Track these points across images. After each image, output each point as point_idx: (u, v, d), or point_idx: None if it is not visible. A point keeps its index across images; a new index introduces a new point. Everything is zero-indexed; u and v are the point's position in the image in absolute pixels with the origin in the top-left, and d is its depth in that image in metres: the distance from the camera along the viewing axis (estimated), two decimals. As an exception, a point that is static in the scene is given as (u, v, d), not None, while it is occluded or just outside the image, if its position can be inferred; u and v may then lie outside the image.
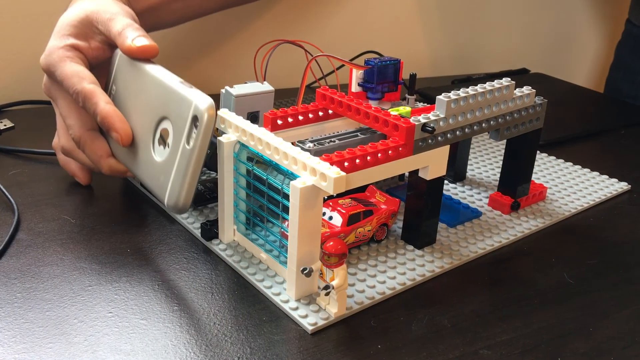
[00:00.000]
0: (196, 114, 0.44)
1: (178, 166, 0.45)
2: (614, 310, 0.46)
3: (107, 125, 0.50)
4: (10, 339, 0.39)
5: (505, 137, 0.54)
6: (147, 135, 0.49)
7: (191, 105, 0.45)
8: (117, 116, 0.50)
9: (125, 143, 0.50)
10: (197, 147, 0.44)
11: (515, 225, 0.56)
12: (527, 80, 0.97)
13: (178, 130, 0.46)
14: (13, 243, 0.49)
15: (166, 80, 0.48)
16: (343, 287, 0.41)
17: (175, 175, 0.45)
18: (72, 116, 0.53)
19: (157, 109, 0.48)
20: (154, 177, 0.48)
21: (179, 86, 0.47)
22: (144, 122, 0.49)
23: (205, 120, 0.43)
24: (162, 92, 0.48)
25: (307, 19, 1.00)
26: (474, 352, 0.41)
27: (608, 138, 0.81)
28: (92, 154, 0.53)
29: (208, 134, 0.44)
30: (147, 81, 0.50)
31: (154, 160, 0.48)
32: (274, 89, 0.57)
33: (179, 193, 0.45)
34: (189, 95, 0.45)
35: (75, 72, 0.51)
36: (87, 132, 0.53)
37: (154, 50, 0.51)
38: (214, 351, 0.39)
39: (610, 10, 1.34)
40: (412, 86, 0.62)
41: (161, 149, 0.48)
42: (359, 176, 0.43)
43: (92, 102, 0.50)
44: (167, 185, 0.46)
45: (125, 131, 0.49)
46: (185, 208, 0.45)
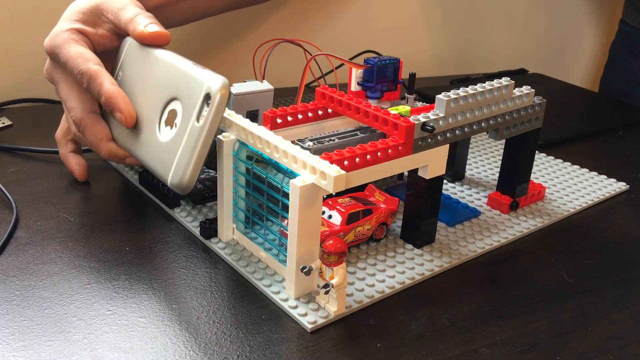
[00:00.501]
0: (209, 91, 0.44)
1: (185, 144, 0.45)
2: (613, 310, 0.46)
3: (112, 105, 0.50)
4: (9, 336, 0.39)
5: (505, 137, 0.54)
6: (153, 117, 0.49)
7: (204, 83, 0.45)
8: (121, 97, 0.50)
9: (129, 124, 0.49)
10: (208, 124, 0.44)
11: (514, 224, 0.56)
12: (525, 80, 0.97)
13: (188, 109, 0.45)
14: (11, 241, 0.49)
15: (178, 61, 0.48)
16: (343, 285, 0.41)
17: (182, 153, 0.45)
18: (74, 99, 0.53)
19: (167, 90, 0.48)
20: (158, 157, 0.47)
21: (191, 66, 0.47)
22: (151, 104, 0.49)
23: (218, 97, 0.43)
24: (173, 74, 0.48)
25: (306, 18, 1.00)
26: (473, 350, 0.41)
27: (606, 138, 0.81)
28: (92, 137, 0.52)
29: (220, 112, 0.44)
30: (157, 64, 0.50)
31: (159, 141, 0.48)
32: (274, 87, 0.57)
33: (184, 171, 0.44)
34: (202, 74, 0.45)
35: (80, 53, 0.51)
36: (88, 115, 0.52)
37: (166, 37, 0.52)
38: (213, 349, 0.39)
39: (606, 10, 1.34)
40: (411, 85, 0.62)
41: (167, 130, 0.47)
42: (358, 175, 0.43)
43: (96, 83, 0.50)
44: (171, 164, 0.45)
45: (129, 112, 0.49)
46: (189, 187, 0.45)
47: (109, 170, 0.62)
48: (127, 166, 0.61)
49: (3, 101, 0.78)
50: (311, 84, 0.89)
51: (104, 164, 0.64)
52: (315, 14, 1.00)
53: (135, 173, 0.60)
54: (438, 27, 1.14)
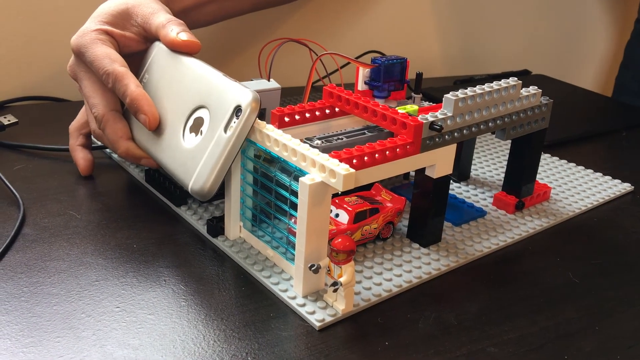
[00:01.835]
0: (240, 104, 0.45)
1: (210, 152, 0.46)
2: (619, 310, 0.46)
3: (136, 107, 0.50)
4: (17, 332, 0.39)
5: (512, 137, 0.54)
6: (177, 122, 0.50)
7: (236, 95, 0.46)
8: (146, 99, 0.51)
9: (152, 126, 0.50)
10: (235, 135, 0.45)
11: (519, 224, 0.56)
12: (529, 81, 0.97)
13: (217, 119, 0.47)
14: (19, 238, 0.49)
15: (209, 71, 0.50)
16: (351, 283, 0.41)
17: (206, 160, 0.46)
18: (97, 96, 0.53)
19: (195, 98, 0.49)
20: (180, 162, 0.48)
21: (223, 78, 0.48)
22: (177, 109, 0.50)
23: (248, 110, 0.45)
24: (204, 82, 0.49)
25: (310, 18, 1.00)
26: (481, 349, 0.41)
27: (610, 139, 0.81)
28: (112, 133, 0.53)
29: (248, 125, 0.45)
30: (186, 72, 0.51)
31: (182, 146, 0.49)
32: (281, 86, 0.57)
33: (207, 178, 0.46)
34: (234, 87, 0.47)
35: (107, 54, 0.52)
36: (110, 112, 0.53)
37: (197, 46, 0.53)
38: (222, 346, 0.39)
39: (618, 11, 1.34)
40: (418, 85, 0.62)
41: (192, 137, 0.48)
42: (367, 173, 0.44)
43: (122, 84, 0.51)
44: (194, 171, 0.47)
45: (153, 114, 0.50)
46: (210, 194, 0.46)
47: (115, 168, 0.63)
48: (133, 164, 0.61)
49: (9, 99, 0.78)
50: (315, 84, 0.89)
51: (111, 161, 0.64)
52: (319, 14, 1.00)
53: (142, 171, 0.60)
54: (441, 27, 1.14)
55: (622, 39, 1.34)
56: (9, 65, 0.80)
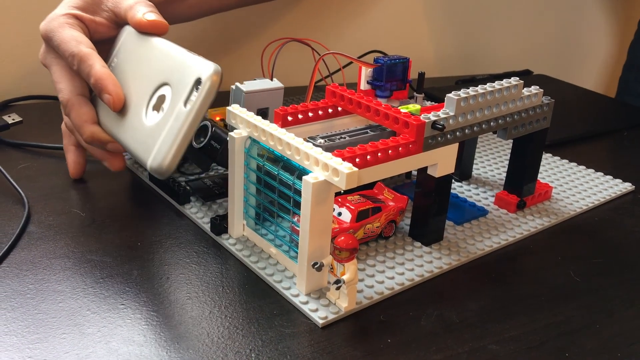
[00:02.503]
0: (199, 76, 0.44)
1: (170, 128, 0.44)
2: (620, 308, 0.46)
3: (100, 87, 0.49)
4: (24, 329, 0.39)
5: (513, 136, 0.55)
6: (141, 102, 0.48)
7: (196, 69, 0.44)
8: (111, 79, 0.49)
9: (116, 106, 0.49)
10: (195, 109, 0.43)
11: (521, 223, 0.56)
12: (530, 81, 0.97)
13: (177, 94, 0.45)
14: (24, 236, 0.50)
15: (172, 48, 0.48)
16: (354, 281, 0.42)
17: (165, 136, 0.44)
18: (64, 81, 0.52)
19: (158, 76, 0.48)
20: (141, 141, 0.46)
21: (185, 53, 0.47)
22: (141, 89, 0.49)
23: (208, 83, 0.43)
24: (166, 59, 0.48)
25: (312, 18, 1.00)
26: (483, 347, 0.41)
27: (611, 139, 0.81)
28: (77, 118, 0.52)
29: (208, 98, 0.43)
30: (151, 51, 0.50)
31: (144, 124, 0.47)
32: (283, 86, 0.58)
33: (165, 155, 0.44)
34: (194, 60, 0.45)
35: (73, 36, 0.51)
36: (76, 97, 0.52)
37: (164, 26, 0.52)
38: (225, 343, 0.39)
39: (619, 12, 1.34)
40: (420, 85, 0.62)
41: (154, 114, 0.47)
42: (369, 172, 0.44)
43: (87, 64, 0.50)
44: (153, 148, 0.45)
45: (117, 94, 0.49)
46: (169, 172, 0.44)
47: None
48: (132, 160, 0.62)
49: (12, 97, 0.78)
50: (318, 83, 0.89)
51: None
52: (321, 13, 1.01)
53: (145, 170, 0.61)
54: (443, 27, 1.14)
55: (624, 39, 1.35)
56: (13, 65, 0.81)
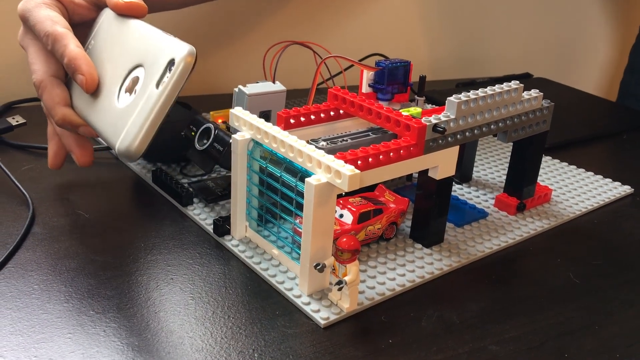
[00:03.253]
0: (173, 57, 0.42)
1: (140, 110, 0.43)
2: (619, 310, 0.47)
3: (74, 67, 0.48)
4: (29, 328, 0.40)
5: (513, 139, 0.55)
6: (114, 84, 0.47)
7: (169, 50, 0.43)
8: (85, 59, 0.48)
9: (89, 87, 0.47)
10: (167, 90, 0.42)
11: (521, 225, 0.57)
12: (530, 85, 0.98)
13: (150, 75, 0.44)
14: (29, 236, 0.50)
15: (148, 29, 0.47)
16: (355, 282, 0.42)
17: (135, 119, 0.43)
18: (38, 62, 0.51)
19: (132, 57, 0.46)
20: (111, 123, 0.45)
21: (161, 34, 0.46)
22: (116, 71, 0.47)
23: (181, 65, 0.42)
24: (142, 41, 0.47)
25: (313, 21, 1.01)
26: (483, 347, 0.42)
27: (611, 142, 0.82)
28: (48, 99, 0.50)
29: (181, 80, 0.42)
30: (127, 33, 0.49)
31: (115, 106, 0.45)
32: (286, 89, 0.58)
33: (134, 137, 0.42)
34: (169, 41, 0.44)
35: (49, 16, 0.50)
36: (49, 78, 0.51)
37: (142, 8, 0.51)
38: (229, 343, 0.40)
39: (619, 16, 1.35)
40: (421, 88, 0.63)
41: (126, 97, 0.45)
42: (371, 174, 0.44)
43: (61, 44, 0.48)
44: (122, 130, 0.43)
45: (90, 74, 0.47)
46: (137, 155, 0.43)
47: (122, 169, 0.63)
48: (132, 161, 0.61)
49: (17, 100, 0.78)
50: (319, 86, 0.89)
51: (117, 162, 0.65)
52: (322, 17, 1.01)
53: (148, 172, 0.61)
54: (443, 31, 1.15)
55: (624, 42, 1.35)
56: (16, 67, 0.81)
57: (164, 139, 0.60)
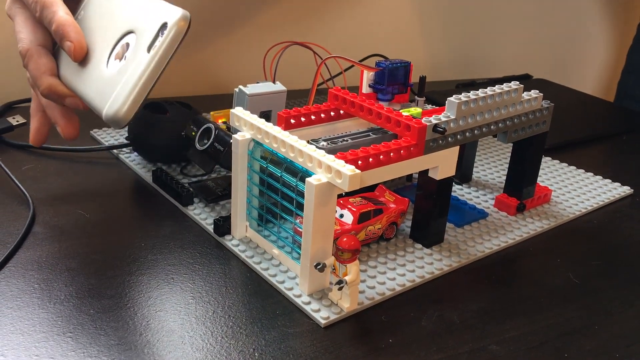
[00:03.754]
0: (165, 21, 0.41)
1: (130, 75, 0.41)
2: (619, 310, 0.47)
3: (62, 33, 0.46)
4: (29, 328, 0.40)
5: (513, 140, 0.55)
6: (104, 52, 0.45)
7: (163, 13, 0.42)
8: (73, 26, 0.46)
9: (77, 55, 0.46)
10: (158, 55, 0.41)
11: (521, 226, 0.57)
12: (530, 86, 0.98)
13: (142, 40, 0.42)
14: (29, 236, 0.50)
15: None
16: (356, 282, 0.42)
17: (124, 84, 0.41)
18: (25, 30, 0.49)
19: (123, 23, 0.45)
20: (99, 90, 0.43)
21: (155, 0, 0.44)
22: (105, 38, 0.46)
23: (174, 28, 0.41)
24: (133, 6, 0.45)
25: (313, 21, 1.01)
26: (483, 347, 0.42)
27: (610, 143, 0.82)
28: (34, 69, 0.48)
29: (173, 44, 0.41)
30: (118, 1, 0.47)
31: (104, 73, 0.44)
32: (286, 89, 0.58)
33: (122, 102, 0.41)
34: (162, 5, 0.43)
35: None
36: (35, 47, 0.49)
37: None
38: (229, 342, 0.40)
39: (618, 17, 1.35)
40: (421, 88, 0.63)
41: (116, 63, 0.44)
42: (371, 174, 0.45)
43: (50, 10, 0.47)
44: (110, 95, 0.42)
45: (79, 41, 0.46)
46: (125, 121, 0.41)
47: (122, 169, 0.63)
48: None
49: (17, 100, 0.78)
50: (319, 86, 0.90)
51: (118, 162, 0.65)
52: (322, 17, 1.01)
53: (149, 171, 0.61)
54: (443, 32, 1.15)
55: (623, 43, 1.35)
56: (17, 67, 0.81)
57: (165, 138, 0.60)
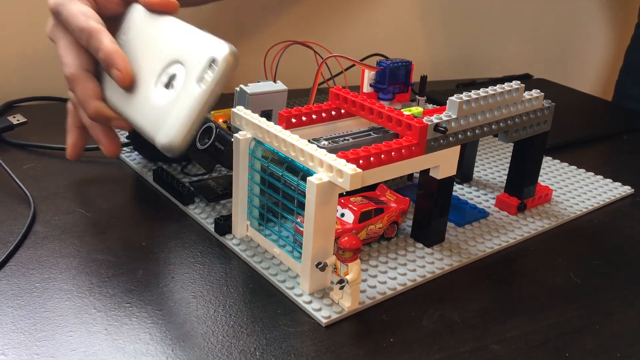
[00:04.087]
0: (215, 56, 0.44)
1: (181, 106, 0.44)
2: (619, 309, 0.47)
3: (110, 62, 0.49)
4: (31, 326, 0.40)
5: (514, 139, 0.55)
6: (150, 79, 0.48)
7: (211, 48, 0.44)
8: (120, 55, 0.49)
9: (125, 82, 0.49)
10: (209, 88, 0.43)
11: (521, 225, 0.57)
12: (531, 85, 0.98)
13: (191, 73, 0.45)
14: (30, 235, 0.50)
15: (185, 26, 0.48)
16: (357, 281, 0.42)
17: (177, 114, 0.44)
18: (70, 55, 0.52)
19: (170, 53, 0.47)
20: (150, 117, 0.46)
21: (200, 32, 0.47)
22: (151, 66, 0.48)
23: (223, 63, 0.43)
24: (179, 37, 0.48)
25: (314, 21, 1.01)
26: (484, 347, 0.42)
27: (610, 143, 0.82)
28: (82, 93, 0.51)
29: (223, 79, 0.43)
30: (162, 29, 0.50)
31: (153, 101, 0.47)
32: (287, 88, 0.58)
33: (176, 132, 0.44)
34: (209, 39, 0.45)
35: (82, 11, 0.51)
36: (81, 72, 0.52)
37: (174, 5, 0.52)
38: (230, 342, 0.40)
39: (617, 16, 1.35)
40: (422, 88, 0.63)
41: (164, 92, 0.46)
42: (373, 173, 0.44)
43: (96, 39, 0.49)
44: (164, 125, 0.44)
45: (126, 70, 0.49)
46: (179, 150, 0.44)
47: (123, 168, 0.63)
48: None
49: (17, 98, 0.78)
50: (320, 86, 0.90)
51: (119, 161, 0.65)
52: (322, 17, 1.01)
53: (149, 171, 0.61)
54: (443, 32, 1.15)
55: (621, 43, 1.35)
56: (17, 66, 0.81)
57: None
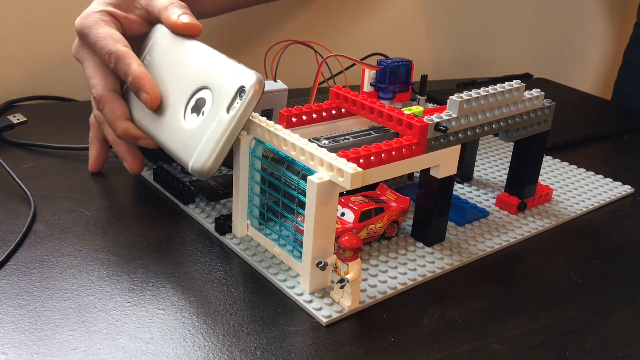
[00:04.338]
0: (243, 84, 0.46)
1: (212, 132, 0.46)
2: (620, 309, 0.47)
3: (138, 85, 0.51)
4: (31, 326, 0.40)
5: (515, 139, 0.55)
6: (179, 102, 0.50)
7: (240, 76, 0.46)
8: (148, 78, 0.51)
9: (153, 105, 0.51)
10: (238, 116, 0.46)
11: (522, 225, 0.57)
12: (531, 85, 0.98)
13: (219, 99, 0.47)
14: (30, 234, 0.50)
15: (213, 53, 0.50)
16: (357, 280, 0.42)
17: (207, 140, 0.46)
18: (97, 76, 0.54)
19: (198, 79, 0.50)
20: (181, 142, 0.49)
21: (227, 60, 0.49)
22: (178, 89, 0.51)
23: (251, 91, 0.45)
24: (207, 64, 0.50)
25: (314, 20, 1.01)
26: (484, 346, 0.42)
27: (611, 142, 0.82)
28: (110, 113, 0.53)
29: (251, 106, 0.46)
30: (189, 53, 0.52)
31: (183, 126, 0.49)
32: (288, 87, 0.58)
33: (207, 157, 0.46)
34: (238, 68, 0.47)
35: (109, 34, 0.53)
36: (109, 92, 0.53)
37: (198, 29, 0.53)
38: (231, 341, 0.40)
39: (616, 16, 1.35)
40: (423, 87, 0.63)
41: (193, 117, 0.49)
42: (373, 172, 0.44)
43: (124, 63, 0.51)
44: (195, 150, 0.47)
45: (154, 93, 0.51)
46: (210, 174, 0.47)
47: (123, 167, 0.63)
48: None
49: (17, 98, 0.79)
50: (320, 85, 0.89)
51: (117, 160, 0.64)
52: (322, 16, 1.01)
53: (149, 169, 0.61)
54: (444, 31, 1.15)
55: (621, 42, 1.35)
56: (18, 65, 0.81)
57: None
